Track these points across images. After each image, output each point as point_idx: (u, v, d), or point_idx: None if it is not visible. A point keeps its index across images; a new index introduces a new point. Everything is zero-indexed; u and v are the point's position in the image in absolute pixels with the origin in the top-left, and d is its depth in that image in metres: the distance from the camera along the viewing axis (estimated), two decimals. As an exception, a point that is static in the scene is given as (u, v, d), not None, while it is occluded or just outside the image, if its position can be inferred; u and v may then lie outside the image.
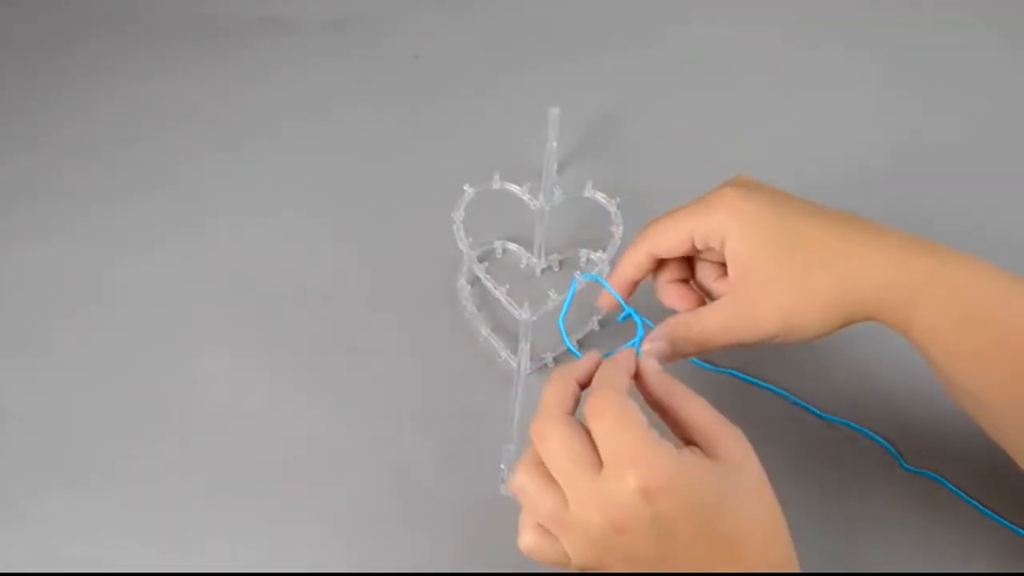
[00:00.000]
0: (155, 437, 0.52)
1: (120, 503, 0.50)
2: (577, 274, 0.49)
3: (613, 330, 0.55)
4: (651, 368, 0.40)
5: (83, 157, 0.67)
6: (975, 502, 0.48)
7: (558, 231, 0.59)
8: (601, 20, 0.77)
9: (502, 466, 0.47)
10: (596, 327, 0.55)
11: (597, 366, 0.40)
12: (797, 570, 0.37)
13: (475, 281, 0.57)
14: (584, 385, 0.40)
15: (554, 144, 0.60)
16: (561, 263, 0.59)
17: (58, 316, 0.58)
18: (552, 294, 0.52)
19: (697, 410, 0.38)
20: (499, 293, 0.53)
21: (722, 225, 0.42)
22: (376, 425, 0.52)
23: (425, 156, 0.66)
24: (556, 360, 0.54)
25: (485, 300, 0.57)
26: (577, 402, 0.39)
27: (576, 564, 0.37)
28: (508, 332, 0.56)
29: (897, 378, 0.53)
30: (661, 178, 0.63)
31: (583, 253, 0.59)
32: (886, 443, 0.50)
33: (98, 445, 0.52)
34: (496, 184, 0.56)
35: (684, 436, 0.38)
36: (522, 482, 0.37)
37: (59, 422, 0.53)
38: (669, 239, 0.44)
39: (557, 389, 0.39)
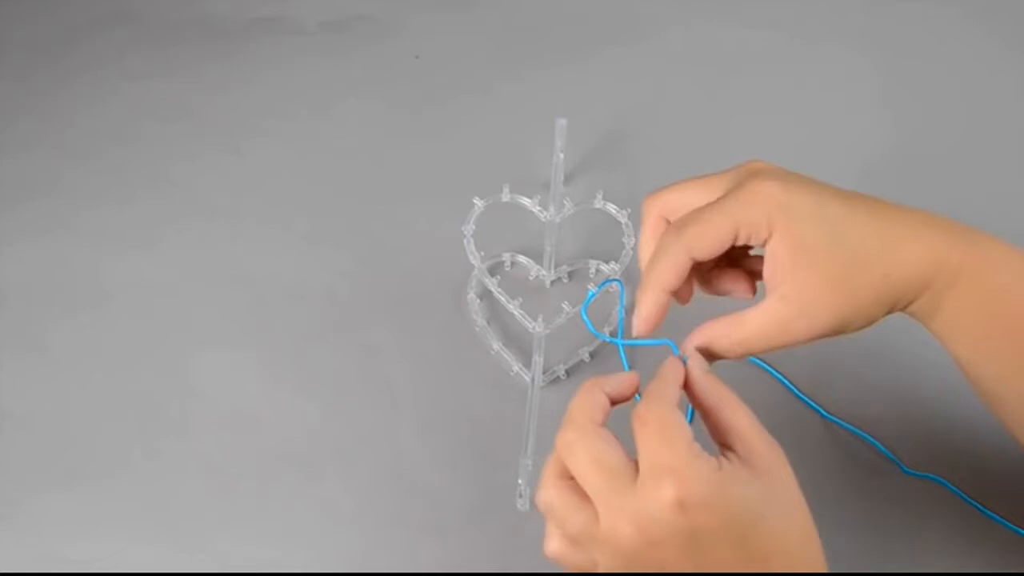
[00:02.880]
0: (155, 437, 0.52)
1: (120, 503, 0.50)
2: (591, 286, 0.48)
3: (599, 361, 0.55)
4: (698, 370, 0.39)
5: (83, 157, 0.67)
6: (976, 503, 0.48)
7: (568, 242, 0.59)
8: (602, 20, 0.77)
9: (520, 481, 0.47)
10: (587, 358, 0.54)
11: (634, 386, 0.39)
12: None
13: (484, 295, 0.57)
14: (615, 401, 0.38)
15: (561, 156, 0.60)
16: (571, 275, 0.58)
17: (58, 316, 0.58)
18: (566, 306, 0.52)
19: (742, 418, 0.37)
20: (513, 307, 0.53)
21: (766, 222, 0.39)
22: (378, 428, 0.52)
23: (426, 156, 0.66)
24: (568, 372, 0.54)
25: (496, 313, 0.57)
26: (606, 415, 0.38)
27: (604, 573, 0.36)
28: (517, 343, 0.55)
29: (901, 380, 0.53)
30: (668, 178, 0.63)
31: (592, 264, 0.58)
32: (885, 449, 0.50)
33: (98, 445, 0.52)
34: (506, 197, 0.56)
35: (723, 441, 0.37)
36: (549, 498, 0.36)
37: (59, 422, 0.53)
38: (711, 237, 0.39)
39: (585, 400, 0.37)
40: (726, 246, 0.39)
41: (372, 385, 0.54)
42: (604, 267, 0.58)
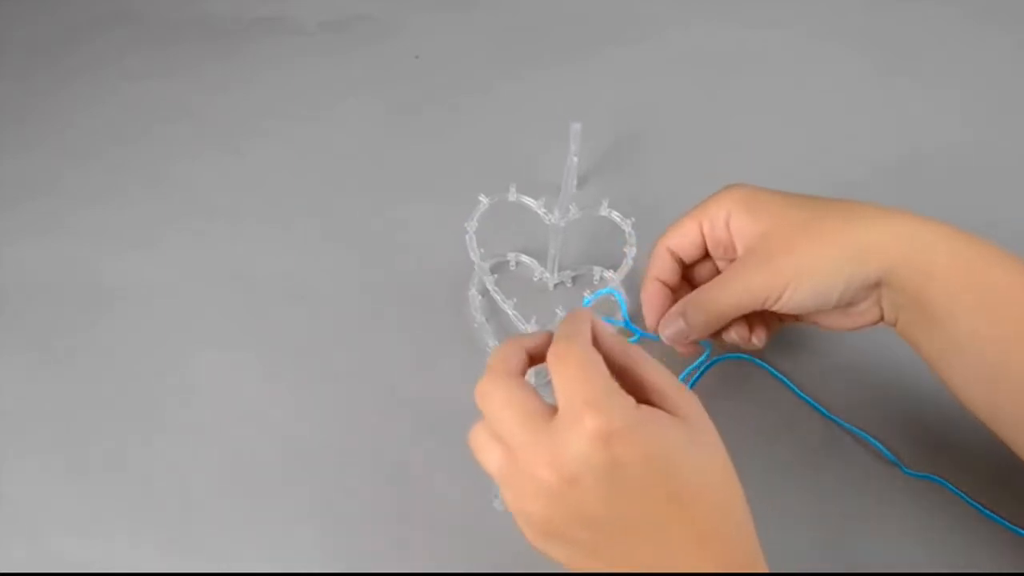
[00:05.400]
0: (154, 437, 0.52)
1: (120, 503, 0.50)
2: (587, 292, 0.48)
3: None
4: (607, 331, 0.40)
5: (83, 157, 0.67)
6: (978, 504, 0.48)
7: (571, 246, 0.59)
8: (602, 20, 0.77)
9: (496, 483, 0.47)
10: None
11: (550, 341, 0.39)
12: (751, 534, 0.36)
13: (486, 292, 0.57)
14: (535, 358, 0.39)
15: (575, 160, 0.59)
16: (574, 279, 0.58)
17: (58, 316, 0.58)
18: (559, 312, 0.52)
19: (654, 372, 0.38)
20: (507, 307, 0.53)
21: (726, 208, 0.44)
22: (378, 427, 0.52)
23: (426, 157, 0.66)
24: None
25: (494, 311, 0.56)
26: (524, 367, 0.38)
27: (527, 534, 0.37)
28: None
29: (902, 380, 0.52)
30: (670, 180, 0.63)
31: (597, 271, 0.58)
32: (885, 449, 0.50)
33: (97, 445, 0.52)
34: (512, 196, 0.55)
35: (642, 398, 0.37)
36: (473, 443, 0.38)
37: (59, 422, 0.53)
38: (679, 232, 0.46)
39: (502, 352, 0.38)
40: (695, 237, 0.45)
41: (372, 384, 0.54)
42: (608, 274, 0.57)
